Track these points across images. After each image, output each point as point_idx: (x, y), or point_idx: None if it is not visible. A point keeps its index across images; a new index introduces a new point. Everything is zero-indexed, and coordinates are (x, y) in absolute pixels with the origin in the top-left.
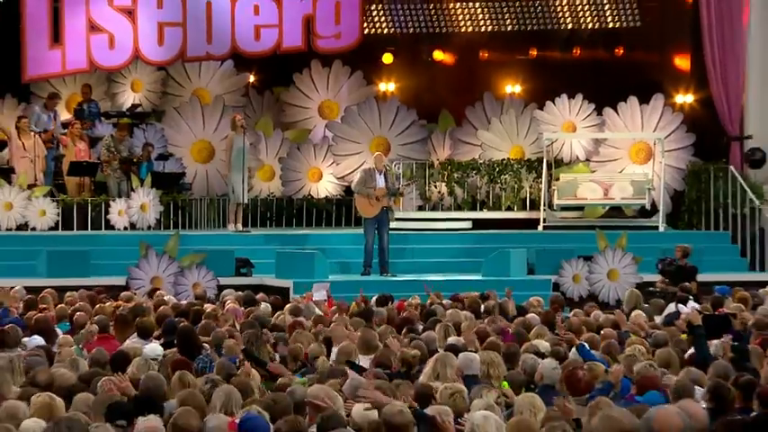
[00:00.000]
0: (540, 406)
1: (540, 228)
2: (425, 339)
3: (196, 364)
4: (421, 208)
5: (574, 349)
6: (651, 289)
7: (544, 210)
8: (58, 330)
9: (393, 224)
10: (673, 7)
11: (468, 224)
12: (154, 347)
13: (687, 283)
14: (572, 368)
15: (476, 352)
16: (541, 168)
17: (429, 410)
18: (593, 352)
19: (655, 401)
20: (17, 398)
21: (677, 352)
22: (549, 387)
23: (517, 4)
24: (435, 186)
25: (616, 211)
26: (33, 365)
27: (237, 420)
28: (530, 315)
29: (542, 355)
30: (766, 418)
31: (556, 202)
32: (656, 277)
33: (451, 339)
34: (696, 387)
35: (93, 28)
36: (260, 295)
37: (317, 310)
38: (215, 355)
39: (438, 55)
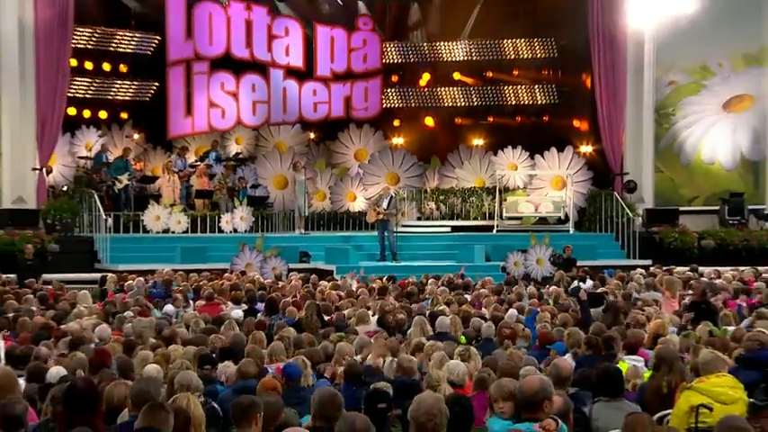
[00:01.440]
0: (474, 354)
1: (494, 231)
2: (417, 306)
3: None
4: (419, 218)
5: (509, 313)
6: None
7: (497, 220)
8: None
9: (401, 228)
10: (579, 91)
11: (448, 229)
12: (237, 312)
13: (587, 268)
14: (500, 327)
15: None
16: (495, 193)
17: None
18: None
19: (559, 349)
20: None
21: (573, 315)
22: (488, 340)
23: (480, 88)
24: (428, 204)
25: (542, 220)
26: (162, 327)
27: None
28: (482, 290)
29: (486, 318)
30: (613, 370)
31: (504, 214)
32: None
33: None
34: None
35: (212, 104)
36: (313, 276)
37: (354, 287)
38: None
39: (428, 121)
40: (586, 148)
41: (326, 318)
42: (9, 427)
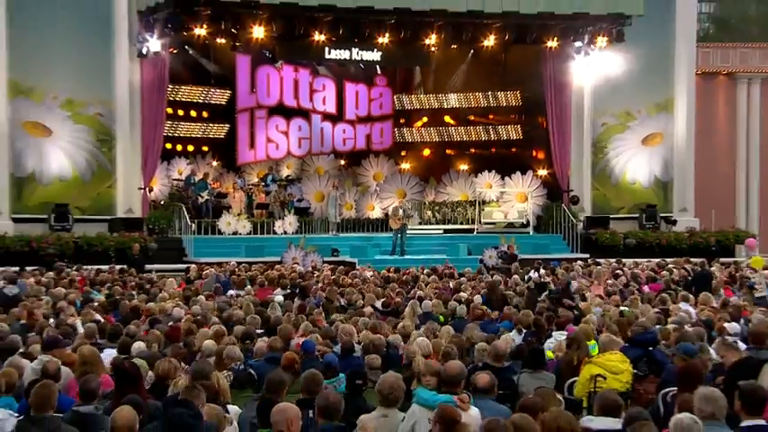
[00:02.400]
0: (445, 332)
1: (474, 232)
2: (413, 292)
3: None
4: (420, 223)
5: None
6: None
7: (476, 224)
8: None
9: (407, 232)
10: (537, 130)
11: (441, 231)
12: (279, 297)
13: (540, 260)
14: (472, 308)
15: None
16: (476, 204)
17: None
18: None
19: (507, 326)
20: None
21: (526, 300)
22: (460, 318)
23: (464, 128)
24: (427, 213)
25: (510, 225)
26: (222, 308)
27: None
28: (462, 278)
29: (461, 301)
30: (537, 348)
31: (482, 220)
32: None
33: (420, 293)
34: None
35: (269, 140)
36: (340, 267)
37: (368, 276)
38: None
39: (426, 152)
40: (542, 172)
41: (343, 300)
42: (86, 397)
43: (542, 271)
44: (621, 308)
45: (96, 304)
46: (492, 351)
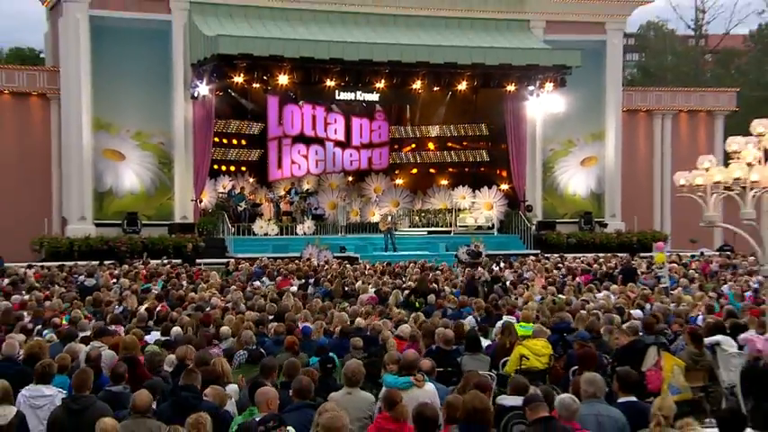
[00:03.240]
0: (420, 317)
1: (452, 234)
2: (401, 282)
3: (314, 292)
4: (409, 226)
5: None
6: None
7: (453, 227)
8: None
9: (397, 233)
10: (500, 153)
11: (425, 232)
12: (294, 288)
13: (501, 255)
14: (444, 300)
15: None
16: (453, 212)
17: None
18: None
19: (468, 312)
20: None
21: (483, 291)
22: (431, 305)
23: (444, 152)
24: (414, 218)
25: (479, 228)
26: (249, 297)
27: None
28: (437, 271)
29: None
30: (474, 335)
31: (458, 224)
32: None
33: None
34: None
35: (293, 162)
36: (345, 262)
37: (367, 268)
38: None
39: (414, 171)
40: (504, 186)
41: (346, 288)
42: (116, 379)
43: (502, 264)
44: (555, 297)
45: (154, 293)
46: (442, 337)
